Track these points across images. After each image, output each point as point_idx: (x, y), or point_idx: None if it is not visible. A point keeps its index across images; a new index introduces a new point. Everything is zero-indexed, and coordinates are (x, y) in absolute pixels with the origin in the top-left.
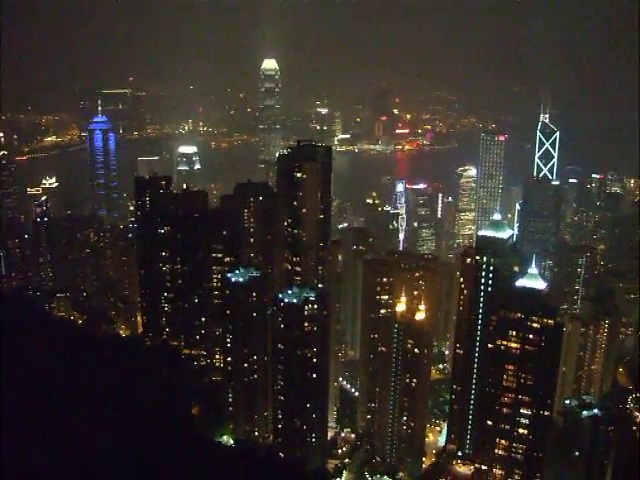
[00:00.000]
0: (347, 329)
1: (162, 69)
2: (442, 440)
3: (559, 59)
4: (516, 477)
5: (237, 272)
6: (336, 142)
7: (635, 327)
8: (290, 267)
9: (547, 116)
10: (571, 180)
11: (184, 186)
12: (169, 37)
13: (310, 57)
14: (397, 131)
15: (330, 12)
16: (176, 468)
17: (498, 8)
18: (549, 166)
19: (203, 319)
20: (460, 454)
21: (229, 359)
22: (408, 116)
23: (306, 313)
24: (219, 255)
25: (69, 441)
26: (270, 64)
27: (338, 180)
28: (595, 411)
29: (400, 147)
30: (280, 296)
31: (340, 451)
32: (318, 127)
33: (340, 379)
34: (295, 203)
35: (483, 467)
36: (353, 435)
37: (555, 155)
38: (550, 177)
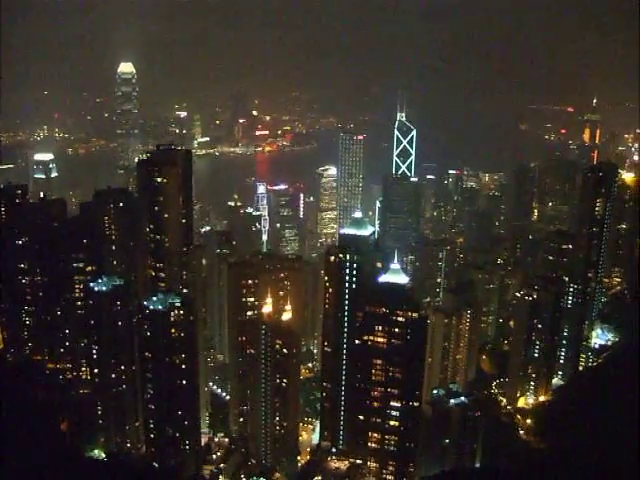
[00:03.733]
0: (215, 333)
1: (13, 72)
2: (316, 438)
3: (414, 58)
4: (390, 468)
5: (100, 281)
6: (196, 145)
7: (495, 316)
8: (154, 273)
9: (404, 114)
10: (429, 176)
11: (41, 195)
12: (20, 38)
13: (167, 60)
14: (257, 133)
15: (186, 14)
16: None
17: (354, 9)
18: (407, 163)
19: (67, 331)
20: (334, 450)
21: (96, 371)
22: (268, 118)
23: (172, 319)
24: (80, 264)
25: None
26: (126, 67)
27: (199, 183)
28: (462, 399)
29: (260, 149)
30: (145, 303)
31: (215, 456)
32: (177, 131)
33: (210, 384)
34: (156, 208)
35: (358, 461)
36: (227, 439)
37: (413, 152)
38: (408, 174)
